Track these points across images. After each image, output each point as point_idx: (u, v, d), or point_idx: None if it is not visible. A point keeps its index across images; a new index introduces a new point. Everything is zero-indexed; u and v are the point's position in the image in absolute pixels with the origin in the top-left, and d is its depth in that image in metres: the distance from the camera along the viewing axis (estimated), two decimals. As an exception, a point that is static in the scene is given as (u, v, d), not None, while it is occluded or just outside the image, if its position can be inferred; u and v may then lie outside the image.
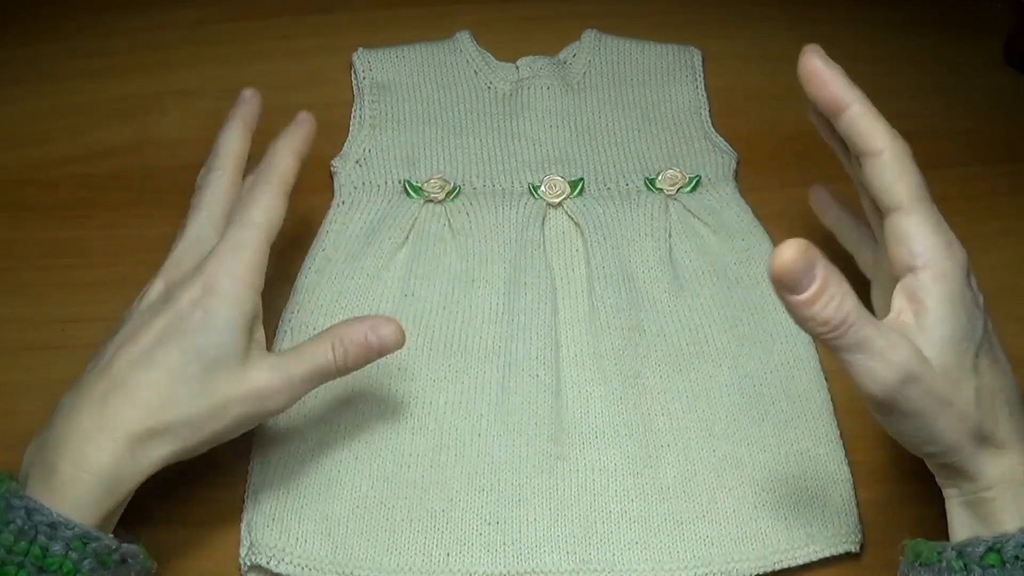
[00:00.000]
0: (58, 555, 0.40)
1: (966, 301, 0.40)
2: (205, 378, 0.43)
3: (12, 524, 0.39)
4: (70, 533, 0.40)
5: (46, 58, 0.71)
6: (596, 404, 0.55)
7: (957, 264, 0.40)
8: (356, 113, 0.66)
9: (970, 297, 0.40)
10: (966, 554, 0.39)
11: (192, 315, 0.43)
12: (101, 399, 0.42)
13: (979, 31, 0.72)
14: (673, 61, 0.68)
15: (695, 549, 0.50)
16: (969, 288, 0.40)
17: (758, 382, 0.55)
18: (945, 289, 0.39)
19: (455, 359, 0.56)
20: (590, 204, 0.61)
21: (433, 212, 0.61)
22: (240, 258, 0.45)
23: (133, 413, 0.42)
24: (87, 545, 0.41)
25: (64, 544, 0.40)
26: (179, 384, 0.43)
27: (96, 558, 0.41)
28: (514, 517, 0.51)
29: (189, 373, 0.43)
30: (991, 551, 0.38)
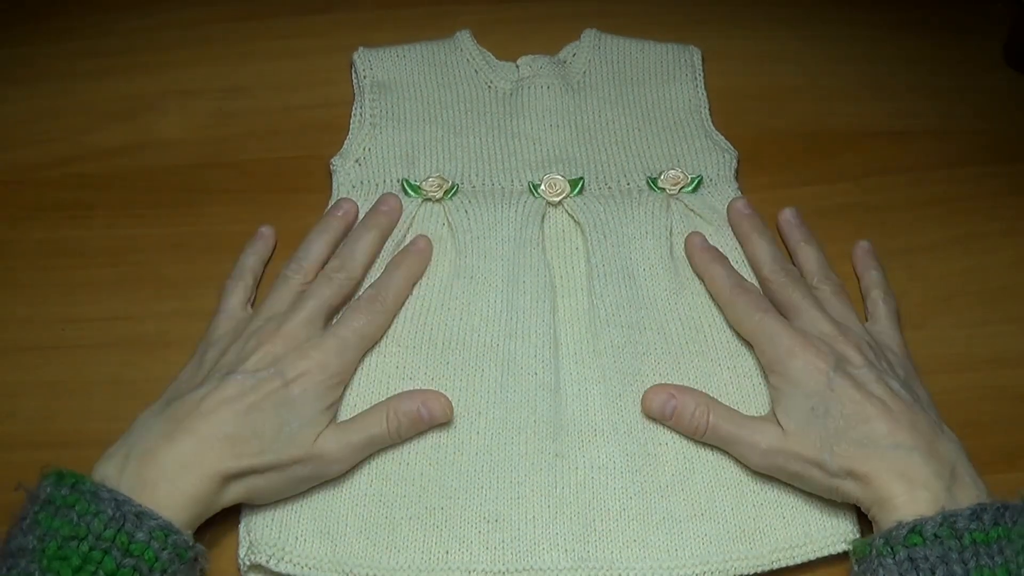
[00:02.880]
0: (142, 542, 0.44)
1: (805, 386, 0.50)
2: (287, 442, 0.49)
3: (103, 513, 0.44)
4: (154, 523, 0.44)
5: (46, 58, 0.71)
6: (595, 402, 0.55)
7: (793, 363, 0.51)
8: (356, 112, 0.66)
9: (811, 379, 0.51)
10: (891, 538, 0.45)
11: (292, 391, 0.50)
12: (199, 439, 0.48)
13: (979, 31, 0.72)
14: (673, 60, 0.68)
15: (693, 547, 0.50)
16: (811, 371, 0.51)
17: (757, 381, 0.55)
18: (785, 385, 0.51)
19: (454, 357, 0.56)
20: (590, 203, 0.61)
21: (431, 211, 0.61)
22: (342, 359, 0.52)
23: (229, 457, 0.48)
24: (168, 537, 0.44)
25: (148, 533, 0.44)
26: (267, 442, 0.49)
27: (175, 550, 0.45)
28: (513, 515, 0.51)
29: (279, 437, 0.49)
30: (913, 532, 0.45)
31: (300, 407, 0.50)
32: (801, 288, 0.56)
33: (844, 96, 0.69)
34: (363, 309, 0.55)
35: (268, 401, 0.49)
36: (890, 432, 0.48)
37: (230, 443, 0.48)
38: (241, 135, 0.67)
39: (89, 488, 0.45)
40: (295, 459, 0.49)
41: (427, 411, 0.52)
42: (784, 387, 0.51)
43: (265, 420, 0.49)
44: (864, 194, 0.64)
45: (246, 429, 0.48)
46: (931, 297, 0.60)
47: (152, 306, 0.59)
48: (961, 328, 0.59)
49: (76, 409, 0.56)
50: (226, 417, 0.48)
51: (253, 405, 0.49)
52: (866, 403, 0.49)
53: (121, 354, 0.57)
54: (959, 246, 0.62)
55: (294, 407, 0.50)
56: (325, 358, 0.51)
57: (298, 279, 0.56)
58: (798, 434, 0.50)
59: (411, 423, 0.52)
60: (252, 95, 0.69)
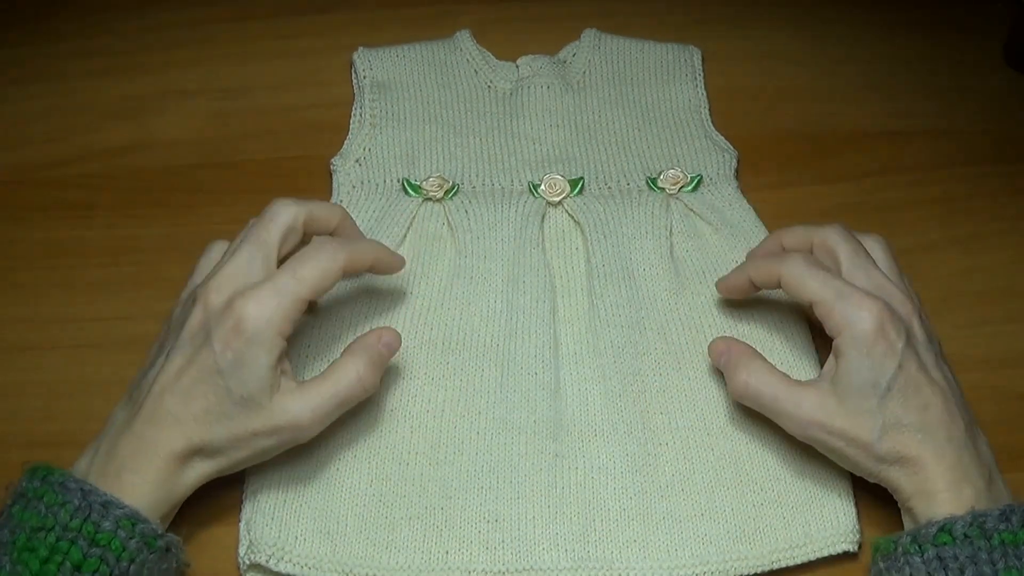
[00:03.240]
0: (108, 531, 0.43)
1: (874, 354, 0.47)
2: (235, 413, 0.46)
3: (69, 504, 0.43)
4: (120, 512, 0.43)
5: (46, 58, 0.71)
6: (595, 402, 0.55)
7: (864, 327, 0.47)
8: (356, 112, 0.66)
9: (881, 348, 0.47)
10: (920, 536, 0.44)
11: (225, 356, 0.46)
12: (149, 421, 0.46)
13: (979, 31, 0.72)
14: (673, 60, 0.68)
15: (693, 547, 0.50)
16: (882, 339, 0.47)
17: None
18: (853, 349, 0.47)
19: (453, 357, 0.56)
20: (590, 203, 0.61)
21: (431, 210, 0.61)
22: (278, 305, 0.46)
23: (177, 437, 0.46)
24: (135, 526, 0.44)
25: (114, 522, 0.43)
26: (213, 417, 0.46)
27: (142, 538, 0.44)
28: (513, 515, 0.51)
29: (222, 409, 0.46)
30: (942, 531, 0.44)
31: (238, 372, 0.46)
32: (859, 244, 0.52)
33: (844, 96, 0.69)
34: (308, 253, 0.49)
35: (204, 371, 0.46)
36: (946, 424, 0.47)
37: (177, 422, 0.46)
38: (240, 135, 0.67)
39: (57, 479, 0.44)
40: (253, 431, 0.47)
41: (385, 346, 0.50)
42: (851, 352, 0.47)
43: (207, 393, 0.46)
44: (864, 194, 0.64)
45: (191, 406, 0.46)
46: (931, 297, 0.60)
47: (152, 306, 0.59)
48: (961, 328, 0.59)
49: (76, 409, 0.56)
50: (170, 397, 0.46)
51: (194, 378, 0.46)
52: (928, 388, 0.47)
53: (121, 354, 0.57)
54: (959, 246, 0.62)
55: (232, 373, 0.46)
56: (255, 309, 0.46)
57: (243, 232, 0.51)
58: (851, 410, 0.47)
59: (374, 365, 0.49)
60: (252, 95, 0.69)
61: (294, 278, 0.47)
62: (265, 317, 0.46)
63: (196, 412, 0.46)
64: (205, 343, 0.46)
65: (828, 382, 0.48)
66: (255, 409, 0.46)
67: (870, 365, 0.47)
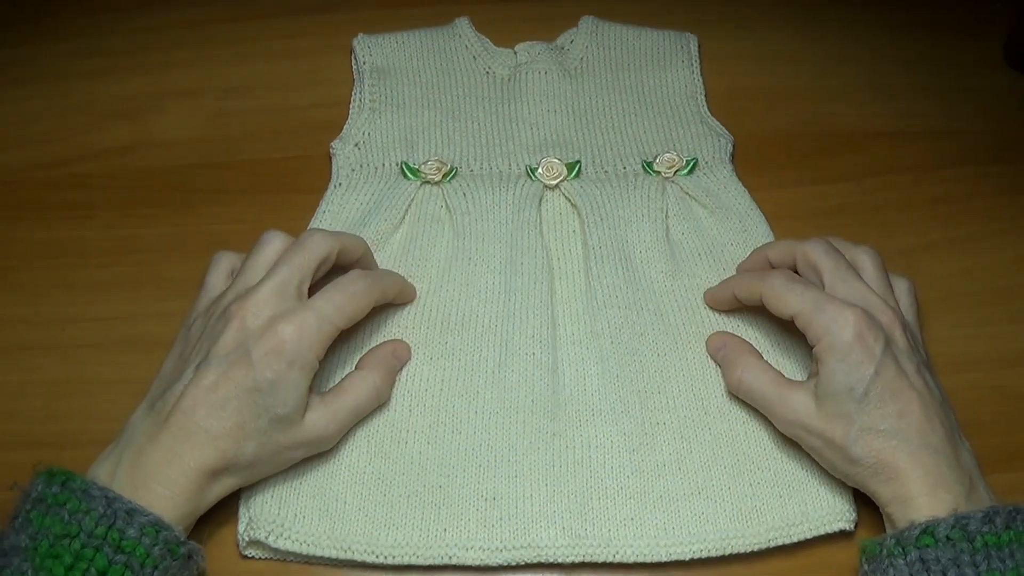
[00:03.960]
0: (133, 539, 0.43)
1: (850, 361, 0.48)
2: (269, 430, 0.48)
3: (94, 511, 0.43)
4: (145, 520, 0.44)
5: (46, 58, 0.71)
6: (593, 382, 0.55)
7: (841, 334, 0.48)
8: (356, 97, 0.66)
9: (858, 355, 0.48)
10: (903, 539, 0.45)
11: (264, 376, 0.47)
12: (180, 436, 0.47)
13: (979, 31, 0.72)
14: (669, 46, 0.69)
15: (690, 526, 0.51)
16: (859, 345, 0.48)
17: None
18: (830, 356, 0.48)
19: (452, 338, 0.56)
20: (587, 186, 0.62)
21: (430, 193, 0.61)
22: (318, 330, 0.48)
23: (210, 453, 0.47)
24: (159, 533, 0.44)
25: (139, 529, 0.44)
26: (245, 434, 0.47)
27: (166, 546, 0.44)
28: (511, 493, 0.51)
29: (256, 426, 0.47)
30: (925, 533, 0.44)
31: (276, 392, 0.47)
32: (840, 257, 0.52)
33: (844, 96, 0.69)
34: (347, 284, 0.51)
35: (241, 388, 0.47)
36: (923, 431, 0.47)
37: (211, 438, 0.46)
38: (241, 135, 0.67)
39: (79, 486, 0.44)
40: (283, 446, 0.49)
41: (397, 359, 0.54)
42: (829, 359, 0.48)
43: (242, 410, 0.47)
44: (864, 194, 0.64)
45: (225, 422, 0.47)
46: (931, 297, 0.60)
47: (152, 306, 0.59)
48: (961, 328, 0.59)
49: (76, 409, 0.56)
50: (203, 412, 0.47)
51: (228, 395, 0.47)
52: (906, 395, 0.48)
53: (121, 354, 0.57)
54: (959, 246, 0.62)
55: (270, 393, 0.47)
56: (297, 333, 0.47)
57: (275, 245, 0.52)
58: (829, 413, 0.48)
59: (389, 377, 0.53)
60: (252, 95, 0.69)
61: (333, 306, 0.49)
62: (307, 341, 0.48)
63: (229, 428, 0.47)
64: (242, 361, 0.47)
65: (812, 385, 0.50)
66: (287, 426, 0.48)
67: (847, 370, 0.48)
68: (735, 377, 0.53)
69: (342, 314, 0.50)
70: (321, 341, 0.49)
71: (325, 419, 0.50)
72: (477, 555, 0.50)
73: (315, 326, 0.48)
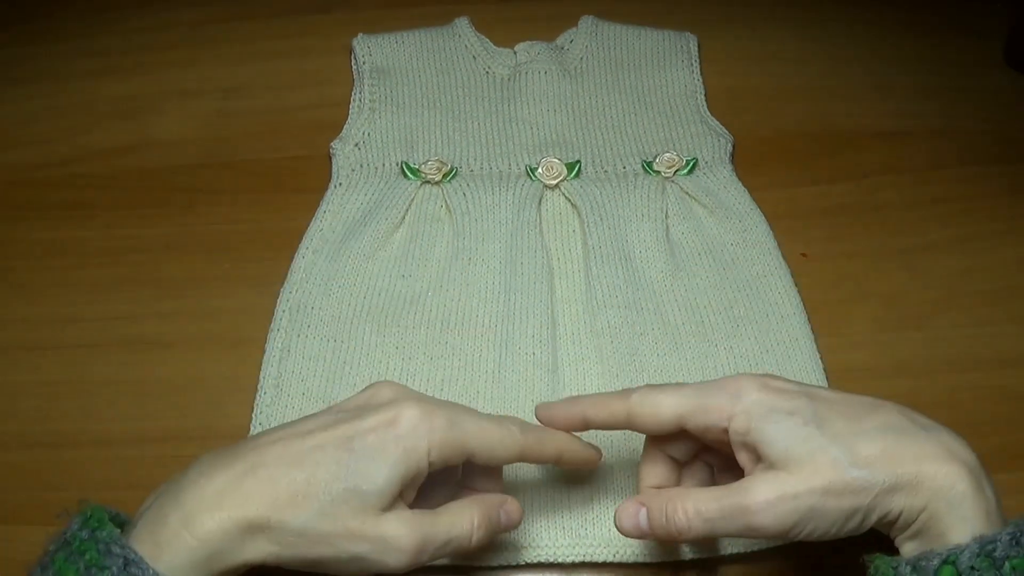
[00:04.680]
0: None
1: (780, 408, 0.42)
2: (341, 503, 0.40)
3: (107, 571, 0.38)
4: None
5: (46, 58, 0.71)
6: (593, 381, 0.55)
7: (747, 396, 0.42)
8: (356, 97, 0.67)
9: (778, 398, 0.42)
10: (920, 568, 0.39)
11: (366, 439, 0.41)
12: (241, 474, 0.41)
13: (979, 31, 0.72)
14: (669, 46, 0.69)
15: None
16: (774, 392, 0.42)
17: (753, 362, 0.56)
18: (757, 423, 0.42)
19: (452, 337, 0.56)
20: (587, 186, 0.62)
21: (430, 193, 0.62)
22: (447, 430, 0.42)
23: (259, 501, 0.40)
24: None
25: None
26: (315, 494, 0.40)
27: None
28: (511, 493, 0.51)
29: (331, 490, 0.40)
30: (946, 564, 0.39)
31: (369, 462, 0.41)
32: None
33: (844, 96, 0.69)
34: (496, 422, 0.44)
35: (336, 438, 0.41)
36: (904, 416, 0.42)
37: (269, 482, 0.40)
38: (241, 135, 0.67)
39: (105, 537, 0.39)
40: (345, 530, 0.40)
41: (506, 517, 0.45)
42: (760, 426, 0.42)
43: (321, 465, 0.40)
44: (864, 194, 0.64)
45: (296, 471, 0.40)
46: (931, 297, 0.60)
47: (152, 306, 0.59)
48: (961, 328, 0.59)
49: (76, 409, 0.56)
50: (278, 451, 0.41)
51: (320, 442, 0.41)
52: (841, 396, 0.43)
53: (121, 354, 0.57)
54: (959, 246, 0.62)
55: (362, 458, 0.41)
56: (418, 415, 0.42)
57: None
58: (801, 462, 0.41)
59: (492, 528, 0.45)
60: (252, 95, 0.69)
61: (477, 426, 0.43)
62: (425, 426, 0.42)
63: (296, 480, 0.40)
64: (352, 418, 0.42)
65: (764, 463, 0.42)
66: (360, 506, 0.41)
67: (779, 413, 0.42)
68: (682, 517, 0.43)
69: (470, 435, 0.43)
70: (442, 437, 0.42)
71: (405, 526, 0.41)
72: (477, 555, 0.50)
73: (442, 424, 0.42)
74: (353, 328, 0.56)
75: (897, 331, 0.58)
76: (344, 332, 0.56)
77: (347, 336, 0.56)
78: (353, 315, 0.57)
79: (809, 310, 0.58)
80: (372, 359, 0.55)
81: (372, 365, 0.55)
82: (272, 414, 0.53)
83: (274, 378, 0.55)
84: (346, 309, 0.57)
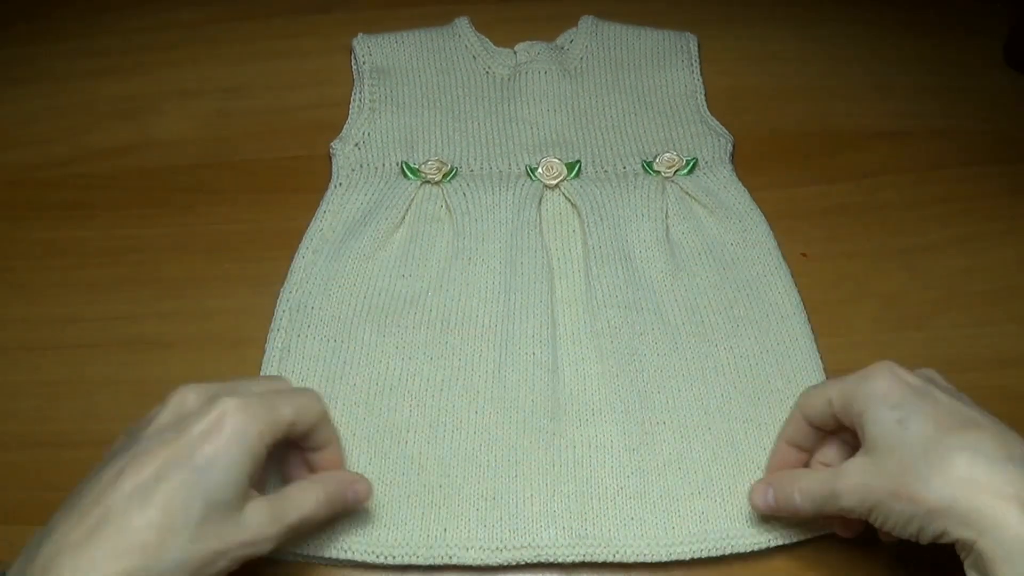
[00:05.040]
0: None
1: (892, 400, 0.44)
2: (204, 523, 0.40)
3: None
4: None
5: (46, 58, 0.71)
6: (593, 382, 0.55)
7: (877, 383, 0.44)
8: (356, 97, 0.67)
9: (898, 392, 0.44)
10: None
11: (201, 449, 0.40)
12: (92, 530, 0.38)
13: (979, 31, 0.72)
14: (669, 46, 0.69)
15: (691, 525, 0.51)
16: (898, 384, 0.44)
17: (753, 362, 0.56)
18: (869, 407, 0.44)
19: (452, 337, 0.56)
20: (587, 186, 0.62)
21: (430, 193, 0.61)
22: (265, 412, 0.42)
23: (121, 555, 0.38)
24: None
25: None
26: (176, 528, 0.39)
27: None
28: (511, 493, 0.51)
29: (188, 517, 0.39)
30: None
31: (215, 470, 0.40)
32: None
33: (844, 96, 0.69)
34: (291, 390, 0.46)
35: (173, 464, 0.40)
36: (997, 442, 0.42)
37: (128, 531, 0.38)
38: (241, 135, 0.67)
39: None
40: (216, 551, 0.40)
41: (354, 495, 0.47)
42: (866, 410, 0.44)
43: (173, 496, 0.39)
44: (864, 194, 0.64)
45: (150, 511, 0.39)
46: (931, 297, 0.60)
47: (152, 306, 0.59)
48: (961, 328, 0.59)
49: (76, 409, 0.56)
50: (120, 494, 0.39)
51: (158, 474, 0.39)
52: (957, 406, 0.43)
53: (121, 354, 0.57)
54: (959, 246, 0.62)
55: (208, 470, 0.40)
56: (241, 407, 0.41)
57: None
58: (884, 456, 0.43)
59: (340, 505, 0.47)
60: (252, 95, 0.69)
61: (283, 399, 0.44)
62: (249, 415, 0.42)
63: (154, 519, 0.39)
64: (177, 435, 0.41)
65: (863, 450, 0.45)
66: (223, 518, 0.41)
67: (886, 405, 0.44)
68: (796, 496, 0.47)
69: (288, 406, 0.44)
70: (265, 420, 0.42)
71: (264, 519, 0.42)
72: (477, 555, 0.50)
73: (260, 407, 0.42)
74: (353, 328, 0.56)
75: (897, 331, 0.59)
76: (344, 332, 0.56)
77: (347, 336, 0.56)
78: (353, 315, 0.57)
79: (809, 310, 0.58)
80: (372, 359, 0.55)
81: (372, 365, 0.55)
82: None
83: None
84: (346, 309, 0.57)
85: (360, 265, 0.58)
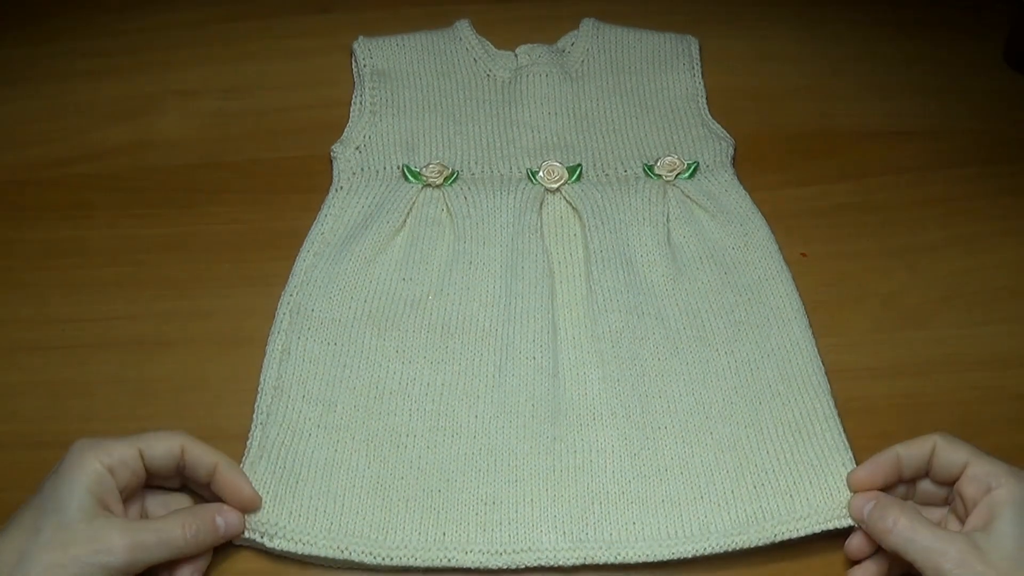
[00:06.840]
0: None
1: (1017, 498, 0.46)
2: (55, 538, 0.44)
3: None
4: None
5: (46, 58, 0.71)
6: (594, 386, 0.55)
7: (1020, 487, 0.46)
8: (356, 100, 0.66)
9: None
10: None
11: (47, 480, 0.46)
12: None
13: (979, 31, 0.72)
14: (671, 49, 0.69)
15: (692, 530, 0.50)
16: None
17: (755, 365, 0.56)
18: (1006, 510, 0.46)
19: (452, 341, 0.56)
20: (588, 189, 0.62)
21: (431, 196, 0.61)
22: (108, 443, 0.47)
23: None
24: None
25: None
26: (33, 545, 0.44)
27: None
28: (511, 497, 0.51)
29: (42, 538, 0.44)
30: None
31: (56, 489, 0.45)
32: None
33: (844, 96, 0.69)
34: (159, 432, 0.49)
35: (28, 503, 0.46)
36: None
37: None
38: (241, 135, 0.67)
39: None
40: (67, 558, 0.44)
41: (224, 523, 0.49)
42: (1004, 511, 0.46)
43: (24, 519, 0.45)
44: (864, 194, 0.64)
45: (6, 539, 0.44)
46: (931, 297, 0.60)
47: (152, 306, 0.59)
48: (961, 328, 0.59)
49: (77, 409, 0.56)
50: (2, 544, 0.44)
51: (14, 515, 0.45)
52: None
53: (121, 354, 0.57)
54: (959, 246, 0.62)
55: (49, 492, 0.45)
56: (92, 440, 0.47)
57: None
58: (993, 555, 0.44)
59: (208, 534, 0.48)
60: (252, 95, 0.69)
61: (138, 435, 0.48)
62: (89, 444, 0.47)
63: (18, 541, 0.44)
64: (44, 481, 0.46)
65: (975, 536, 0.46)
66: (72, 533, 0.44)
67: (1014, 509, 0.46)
68: (891, 522, 0.47)
69: (141, 439, 0.48)
70: (109, 446, 0.47)
71: (116, 531, 0.45)
72: (476, 558, 0.50)
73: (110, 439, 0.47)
74: (353, 331, 0.56)
75: (897, 331, 0.59)
76: (344, 335, 0.56)
77: (347, 339, 0.56)
78: (353, 318, 0.57)
79: (809, 310, 0.58)
80: (372, 362, 0.55)
81: (372, 368, 0.55)
82: (272, 416, 0.53)
83: (274, 380, 0.55)
84: (346, 312, 0.57)
85: (361, 268, 0.58)
